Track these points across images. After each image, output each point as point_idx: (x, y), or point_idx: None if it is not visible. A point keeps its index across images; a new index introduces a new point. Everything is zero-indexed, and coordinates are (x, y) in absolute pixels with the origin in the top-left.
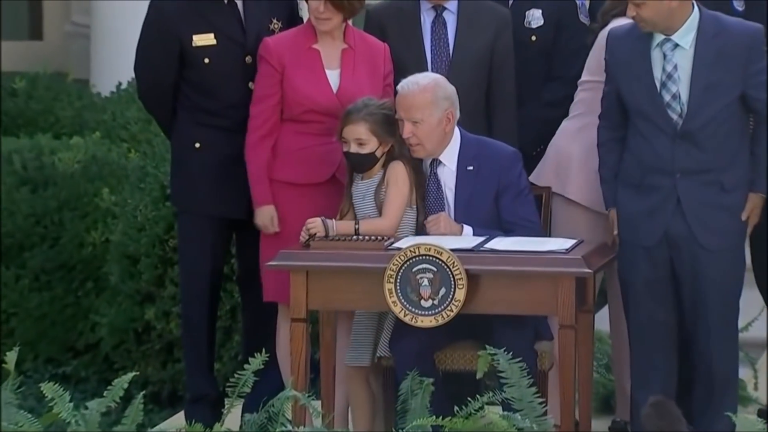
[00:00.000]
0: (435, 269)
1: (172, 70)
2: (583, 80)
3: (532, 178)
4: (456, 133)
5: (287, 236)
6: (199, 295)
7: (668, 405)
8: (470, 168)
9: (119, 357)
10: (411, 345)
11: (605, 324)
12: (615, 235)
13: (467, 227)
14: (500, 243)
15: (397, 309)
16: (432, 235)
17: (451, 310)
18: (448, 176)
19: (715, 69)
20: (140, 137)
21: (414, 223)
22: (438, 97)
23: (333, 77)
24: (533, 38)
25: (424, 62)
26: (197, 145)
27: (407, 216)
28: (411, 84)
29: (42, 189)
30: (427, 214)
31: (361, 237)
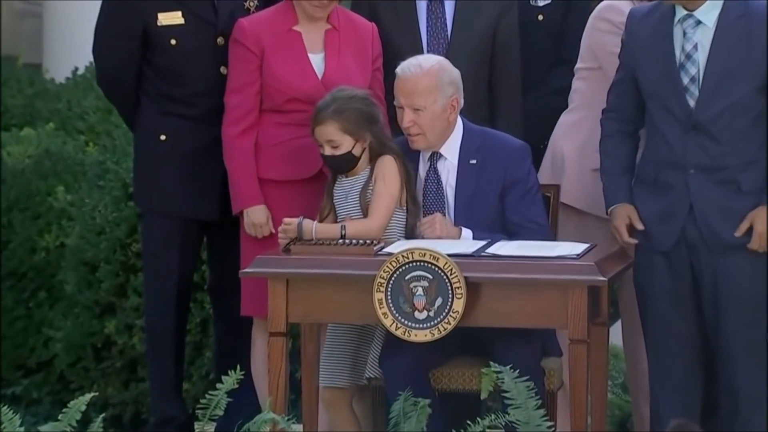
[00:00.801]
0: (430, 277)
1: (134, 52)
2: (578, 67)
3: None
4: (458, 123)
5: (272, 241)
6: (166, 305)
7: (691, 429)
8: (473, 162)
9: (76, 376)
10: (403, 362)
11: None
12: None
13: (466, 230)
14: (503, 247)
15: (388, 321)
16: (427, 239)
17: (449, 322)
18: (449, 171)
19: (734, 53)
20: (99, 129)
21: (403, 225)
22: (443, 81)
23: (317, 62)
24: (540, 17)
25: (419, 45)
26: (163, 138)
27: (395, 217)
28: (413, 66)
29: None
30: (425, 213)
31: (348, 241)
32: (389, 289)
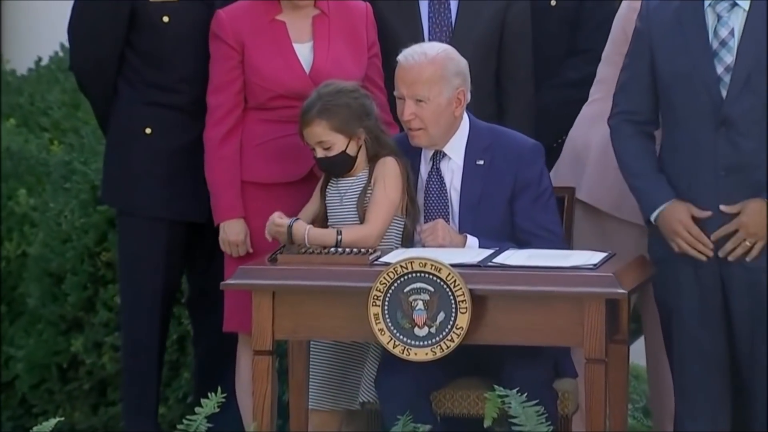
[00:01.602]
0: (432, 289)
1: (119, 34)
2: (607, 53)
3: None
4: (465, 119)
5: (258, 251)
6: (148, 317)
7: None
8: (480, 162)
9: (39, 399)
10: (402, 383)
11: (643, 358)
12: (702, 242)
13: (472, 237)
14: (512, 257)
15: (385, 339)
16: (428, 247)
17: (452, 339)
18: (454, 172)
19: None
20: (65, 126)
21: (401, 232)
22: (449, 72)
23: (304, 53)
24: (553, 3)
25: (419, 32)
26: (148, 131)
27: (393, 223)
28: (416, 54)
29: None
30: (427, 219)
31: (340, 249)
32: (386, 303)
